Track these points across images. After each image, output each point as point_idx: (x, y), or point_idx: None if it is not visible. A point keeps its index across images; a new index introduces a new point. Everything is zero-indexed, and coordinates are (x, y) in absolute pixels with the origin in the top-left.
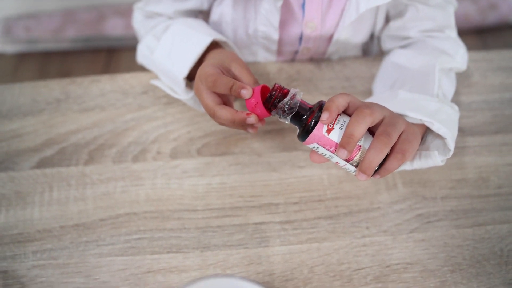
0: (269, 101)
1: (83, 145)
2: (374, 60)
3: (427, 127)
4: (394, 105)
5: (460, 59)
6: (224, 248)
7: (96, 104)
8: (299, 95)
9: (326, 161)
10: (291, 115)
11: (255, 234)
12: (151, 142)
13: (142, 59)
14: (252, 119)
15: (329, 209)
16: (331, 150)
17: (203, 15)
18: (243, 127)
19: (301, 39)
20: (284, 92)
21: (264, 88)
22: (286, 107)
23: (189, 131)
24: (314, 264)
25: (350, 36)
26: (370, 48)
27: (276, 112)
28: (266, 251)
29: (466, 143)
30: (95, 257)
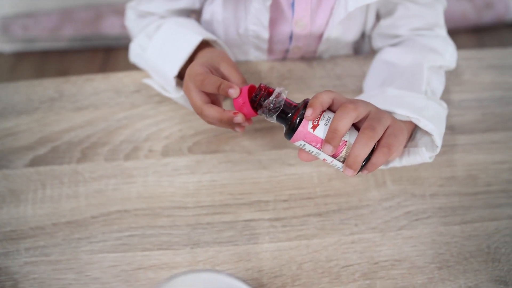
0: (254, 100)
1: (76, 143)
2: (365, 58)
3: (416, 125)
4: (382, 101)
5: (449, 57)
6: (214, 245)
7: (90, 102)
8: (284, 93)
9: (314, 159)
10: (276, 114)
11: (244, 231)
12: (143, 140)
13: (135, 58)
14: (239, 118)
15: (318, 206)
16: (317, 146)
17: (195, 14)
18: (230, 126)
19: (291, 37)
20: (269, 91)
21: (251, 88)
22: (272, 105)
23: (180, 129)
24: (303, 261)
25: (340, 35)
26: (361, 47)
27: (262, 111)
28: (256, 248)
29: (456, 141)
30: (87, 253)
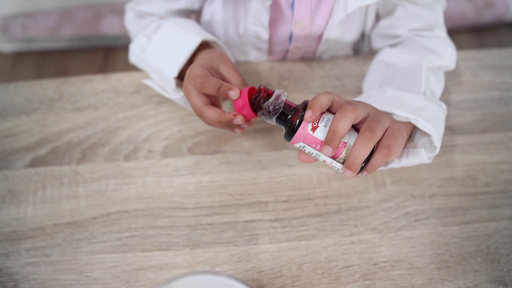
0: (254, 102)
1: (76, 144)
2: (365, 59)
3: (415, 125)
4: (381, 102)
5: (448, 58)
6: (214, 246)
7: (89, 103)
8: (283, 95)
9: (314, 160)
10: (276, 116)
11: (244, 232)
12: (143, 141)
13: (134, 59)
14: (239, 120)
15: (318, 207)
16: (317, 148)
17: (195, 15)
18: (230, 127)
19: (291, 38)
20: (269, 93)
21: (251, 89)
22: (271, 107)
23: (180, 130)
24: (303, 261)
25: (340, 35)
26: (361, 47)
27: (262, 113)
28: (255, 248)
29: (455, 142)
30: (87, 254)
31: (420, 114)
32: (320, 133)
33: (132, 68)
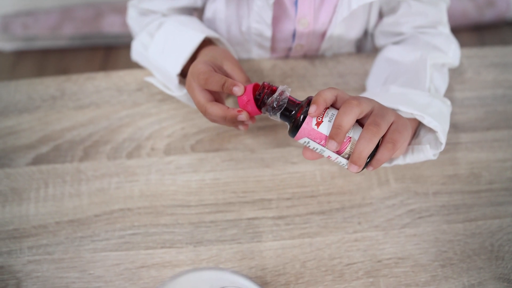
0: (258, 98)
1: (78, 141)
2: (368, 56)
3: (420, 122)
4: (386, 99)
5: (452, 55)
6: (217, 243)
7: (91, 101)
8: (287, 91)
9: (318, 157)
10: (280, 111)
11: (248, 229)
12: (146, 139)
13: (137, 56)
14: (243, 116)
15: (321, 204)
16: (321, 143)
17: (197, 12)
18: (234, 124)
19: (294, 36)
20: (273, 89)
21: (256, 86)
22: (275, 103)
23: (183, 128)
24: (306, 259)
25: (343, 33)
26: (364, 45)
27: (266, 109)
28: (259, 246)
29: (458, 139)
30: (90, 252)
31: (425, 110)
32: (325, 128)
33: (134, 65)
